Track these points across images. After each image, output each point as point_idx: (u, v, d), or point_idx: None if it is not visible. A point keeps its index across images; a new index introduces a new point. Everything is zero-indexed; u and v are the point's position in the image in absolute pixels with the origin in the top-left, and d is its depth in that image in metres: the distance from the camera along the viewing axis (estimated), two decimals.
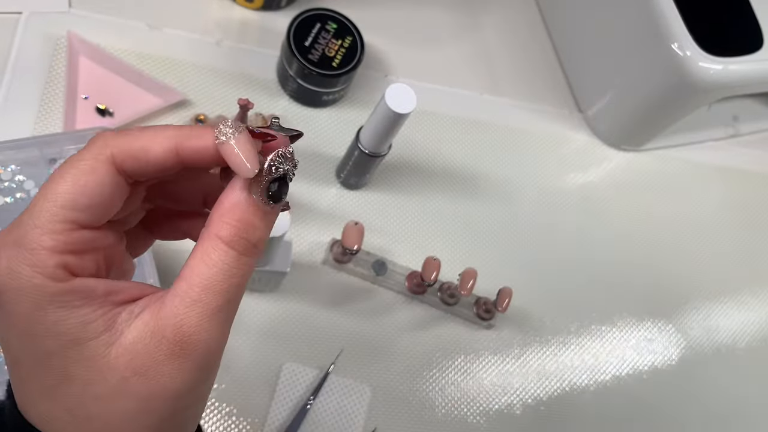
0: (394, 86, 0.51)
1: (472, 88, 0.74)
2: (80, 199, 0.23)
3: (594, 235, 0.72)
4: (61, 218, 0.23)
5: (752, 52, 0.66)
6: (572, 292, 0.69)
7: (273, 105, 0.65)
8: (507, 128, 0.73)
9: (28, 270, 0.22)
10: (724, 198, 0.80)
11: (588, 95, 0.76)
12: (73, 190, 0.23)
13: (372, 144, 0.57)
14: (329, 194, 0.64)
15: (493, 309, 0.62)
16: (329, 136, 0.65)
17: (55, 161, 0.52)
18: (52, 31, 0.60)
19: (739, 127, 0.82)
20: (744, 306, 0.75)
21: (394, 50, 0.72)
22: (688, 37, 0.63)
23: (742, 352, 0.73)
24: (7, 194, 0.51)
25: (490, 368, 0.63)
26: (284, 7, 0.69)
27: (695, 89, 0.65)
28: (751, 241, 0.79)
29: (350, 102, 0.68)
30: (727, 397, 0.70)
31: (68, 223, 0.23)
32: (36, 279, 0.22)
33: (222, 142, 0.23)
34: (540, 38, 0.80)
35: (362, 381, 0.59)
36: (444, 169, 0.69)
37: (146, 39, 0.63)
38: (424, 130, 0.69)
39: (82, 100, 0.59)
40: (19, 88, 0.58)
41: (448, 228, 0.66)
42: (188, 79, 0.63)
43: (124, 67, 0.60)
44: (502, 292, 0.60)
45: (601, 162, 0.76)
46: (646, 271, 0.73)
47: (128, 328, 0.24)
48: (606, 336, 0.68)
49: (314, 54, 0.61)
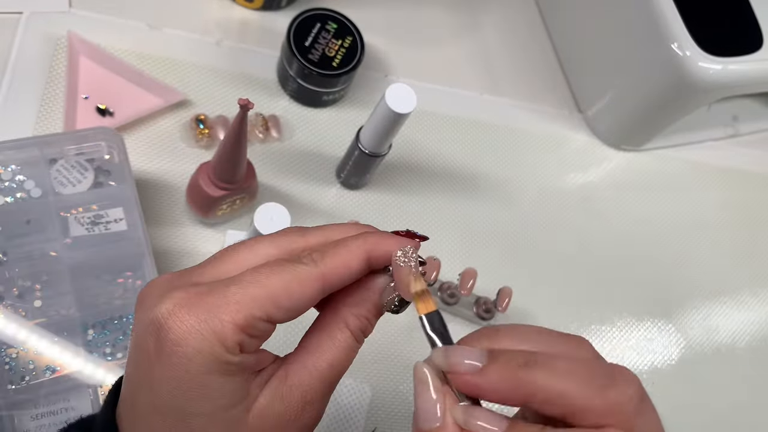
0: (394, 86, 0.51)
1: (472, 88, 0.74)
2: (284, 302, 0.25)
3: (594, 235, 0.72)
4: (263, 309, 0.25)
5: (752, 52, 0.66)
6: (572, 292, 0.69)
7: (273, 105, 0.65)
8: (507, 128, 0.73)
9: (212, 337, 0.24)
10: (724, 198, 0.79)
11: (588, 95, 0.76)
12: (284, 290, 0.25)
13: (372, 144, 0.57)
14: (329, 194, 0.64)
15: (493, 309, 0.62)
16: (329, 136, 0.65)
17: (55, 161, 0.52)
18: (52, 31, 0.60)
19: (738, 127, 0.82)
20: (744, 306, 0.75)
21: (394, 50, 0.72)
22: (687, 37, 0.63)
23: (742, 352, 0.73)
24: (7, 194, 0.51)
25: None
26: (284, 7, 0.69)
27: (695, 89, 0.65)
28: (751, 241, 0.79)
29: (350, 102, 0.68)
30: (727, 397, 0.70)
31: (265, 315, 0.25)
32: (216, 347, 0.24)
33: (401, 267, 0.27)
34: (540, 38, 0.80)
35: (362, 381, 0.59)
36: (444, 169, 0.69)
37: (146, 39, 0.63)
38: (424, 130, 0.69)
39: (83, 100, 0.59)
40: (19, 88, 0.58)
41: (448, 228, 0.66)
42: (188, 79, 0.63)
43: (125, 67, 0.60)
44: (502, 292, 0.60)
45: (601, 162, 0.76)
46: (646, 271, 0.73)
47: (260, 395, 0.26)
48: (606, 336, 0.68)
49: (314, 54, 0.61)
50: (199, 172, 0.54)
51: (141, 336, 0.25)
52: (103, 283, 0.51)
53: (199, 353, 0.24)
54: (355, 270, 0.27)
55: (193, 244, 0.58)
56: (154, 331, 0.25)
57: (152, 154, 0.59)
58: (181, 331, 0.24)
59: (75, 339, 0.48)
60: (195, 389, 0.24)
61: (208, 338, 0.24)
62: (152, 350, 0.25)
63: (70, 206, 0.51)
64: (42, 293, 0.49)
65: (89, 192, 0.52)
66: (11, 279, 0.49)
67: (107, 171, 0.53)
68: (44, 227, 0.50)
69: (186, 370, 0.24)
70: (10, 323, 0.47)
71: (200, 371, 0.24)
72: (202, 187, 0.53)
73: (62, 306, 0.49)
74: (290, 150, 0.64)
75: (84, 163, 0.53)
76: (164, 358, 0.24)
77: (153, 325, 0.25)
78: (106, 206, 0.52)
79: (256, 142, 0.63)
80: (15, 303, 0.48)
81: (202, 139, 0.60)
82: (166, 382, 0.25)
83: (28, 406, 0.46)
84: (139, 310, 0.26)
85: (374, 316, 0.28)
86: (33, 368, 0.47)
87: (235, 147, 0.49)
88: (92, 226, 0.51)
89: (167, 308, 0.24)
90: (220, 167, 0.51)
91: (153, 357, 0.25)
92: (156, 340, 0.24)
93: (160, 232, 0.57)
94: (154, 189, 0.58)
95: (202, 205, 0.55)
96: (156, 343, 0.24)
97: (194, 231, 0.58)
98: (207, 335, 0.24)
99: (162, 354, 0.24)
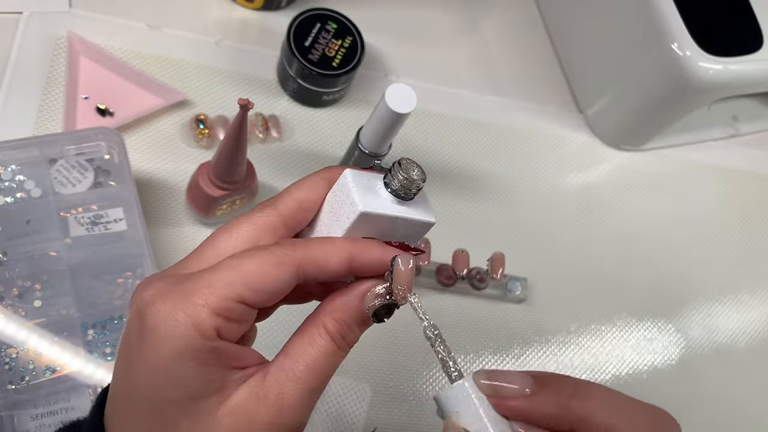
0: (394, 86, 0.51)
1: (472, 88, 0.74)
2: (257, 284, 0.25)
3: (594, 235, 0.72)
4: (235, 291, 0.25)
5: (752, 52, 0.66)
6: (572, 292, 0.69)
7: (273, 105, 0.65)
8: (507, 128, 0.73)
9: (186, 321, 0.24)
10: (724, 198, 0.79)
11: (588, 95, 0.76)
12: (256, 272, 0.25)
13: (372, 144, 0.57)
14: None
15: (486, 278, 0.62)
16: (329, 136, 0.65)
17: (55, 161, 0.52)
18: (52, 31, 0.60)
19: (738, 127, 0.82)
20: (744, 306, 0.75)
21: (394, 50, 0.72)
22: (688, 37, 0.63)
23: (742, 352, 0.73)
24: (7, 194, 0.51)
25: (490, 368, 0.63)
26: (284, 7, 0.69)
27: (695, 89, 0.65)
28: (751, 241, 0.79)
29: (350, 102, 0.68)
30: (727, 397, 0.70)
31: (238, 296, 0.25)
32: (190, 332, 0.24)
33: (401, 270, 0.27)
34: (540, 38, 0.80)
35: (362, 381, 0.59)
36: (444, 169, 0.69)
37: (146, 39, 0.63)
38: (424, 130, 0.69)
39: (83, 100, 0.59)
40: (19, 88, 0.58)
41: (448, 228, 0.66)
42: (188, 79, 0.63)
43: (125, 67, 0.60)
44: (494, 260, 0.60)
45: (601, 162, 0.76)
46: (646, 270, 0.73)
47: (236, 391, 0.26)
48: (606, 336, 0.68)
49: (314, 54, 0.61)
50: (199, 172, 0.54)
51: (126, 328, 0.26)
52: (103, 283, 0.51)
53: (174, 338, 0.24)
54: (334, 264, 0.27)
55: (193, 244, 0.57)
56: (135, 321, 0.25)
57: (152, 154, 0.59)
58: (157, 317, 0.24)
59: (75, 339, 0.48)
60: (167, 374, 0.24)
61: (183, 322, 0.24)
62: (133, 340, 0.25)
63: (70, 206, 0.51)
64: (42, 293, 0.49)
65: (89, 192, 0.52)
66: (11, 279, 0.49)
67: (107, 171, 0.53)
68: (44, 227, 0.50)
69: (159, 355, 0.24)
70: (10, 323, 0.48)
71: (172, 356, 0.24)
72: (202, 186, 0.53)
73: (62, 306, 0.49)
74: (290, 150, 0.64)
75: (84, 163, 0.53)
76: (141, 345, 0.25)
77: (134, 314, 0.25)
78: (106, 206, 0.52)
79: (256, 142, 0.63)
80: (15, 303, 0.48)
81: (202, 139, 0.60)
82: (140, 369, 0.25)
83: (28, 406, 0.46)
84: (130, 301, 0.27)
85: (355, 321, 0.28)
86: (33, 368, 0.47)
87: (235, 147, 0.49)
88: (92, 226, 0.51)
89: (146, 297, 0.25)
90: (220, 167, 0.51)
91: (134, 346, 0.25)
92: (136, 330, 0.25)
93: (160, 232, 0.57)
94: (154, 189, 0.58)
95: (202, 205, 0.55)
96: (136, 332, 0.25)
97: (194, 231, 0.58)
98: (181, 320, 0.24)
99: (140, 341, 0.25)
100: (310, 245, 0.27)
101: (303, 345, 0.27)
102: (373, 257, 0.27)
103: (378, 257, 0.27)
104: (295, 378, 0.26)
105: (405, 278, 0.27)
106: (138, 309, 0.25)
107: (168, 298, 0.25)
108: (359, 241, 0.28)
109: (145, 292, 0.25)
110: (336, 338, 0.27)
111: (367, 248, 0.27)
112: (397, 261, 0.27)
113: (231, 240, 0.27)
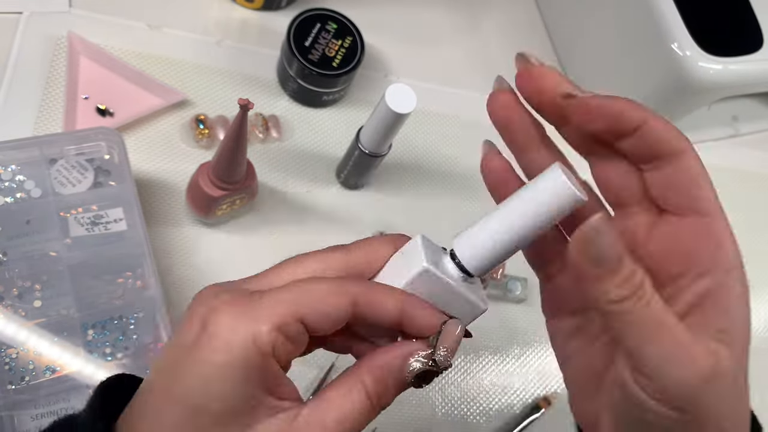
0: (394, 86, 0.51)
1: (472, 88, 0.74)
2: (318, 306, 0.26)
3: None
4: (296, 309, 0.26)
5: (752, 52, 0.66)
6: None
7: (273, 105, 0.65)
8: None
9: (246, 333, 0.25)
10: (724, 198, 0.79)
11: None
12: (318, 295, 0.26)
13: (372, 144, 0.57)
14: (329, 194, 0.64)
15: (486, 278, 0.62)
16: (329, 136, 0.65)
17: (55, 161, 0.52)
18: (52, 31, 0.60)
19: (739, 127, 0.82)
20: None
21: (394, 50, 0.72)
22: (688, 37, 0.63)
23: None
24: (7, 194, 0.51)
25: (490, 368, 0.63)
26: (284, 7, 0.69)
27: (695, 89, 0.65)
28: (751, 241, 0.79)
29: (350, 102, 0.68)
30: None
31: (298, 315, 0.26)
32: (247, 344, 0.25)
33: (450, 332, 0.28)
34: (540, 38, 0.80)
35: None
36: (444, 169, 0.69)
37: (146, 39, 0.63)
38: (424, 130, 0.69)
39: (83, 100, 0.59)
40: (19, 88, 0.58)
41: (448, 228, 0.66)
42: (188, 79, 0.63)
43: (125, 67, 0.60)
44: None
45: None
46: None
47: (264, 423, 0.26)
48: None
49: (314, 54, 0.61)
50: (199, 172, 0.54)
51: (184, 328, 0.26)
52: (103, 283, 0.51)
53: (230, 348, 0.25)
54: (389, 307, 0.27)
55: (193, 244, 0.58)
56: (195, 325, 0.26)
57: (152, 154, 0.59)
58: (219, 325, 0.25)
59: (75, 339, 0.48)
60: (213, 382, 0.25)
61: (242, 334, 0.25)
62: (188, 342, 0.26)
63: (70, 206, 0.51)
64: (42, 293, 0.49)
65: (89, 192, 0.52)
66: (11, 279, 0.49)
67: (107, 171, 0.54)
68: (44, 227, 0.50)
69: (211, 361, 0.25)
70: (10, 323, 0.48)
71: (224, 364, 0.25)
72: (202, 187, 0.53)
73: (62, 306, 0.49)
74: (290, 150, 0.64)
75: (84, 163, 0.53)
76: (196, 348, 0.25)
77: (197, 319, 0.26)
78: (106, 206, 0.52)
79: (256, 142, 0.63)
80: (15, 303, 0.48)
81: (202, 139, 0.60)
82: (188, 371, 0.25)
83: (28, 406, 0.46)
84: (191, 307, 0.27)
85: (393, 382, 0.28)
86: (33, 368, 0.47)
87: (235, 147, 0.49)
88: (92, 226, 0.51)
89: (213, 305, 0.26)
90: (220, 167, 0.51)
91: (188, 347, 0.26)
92: (195, 333, 0.26)
93: (160, 232, 0.57)
94: (154, 189, 0.58)
95: (202, 205, 0.55)
96: (194, 335, 0.26)
97: (194, 231, 0.58)
98: (241, 332, 0.25)
99: (196, 344, 0.25)
100: (370, 284, 0.28)
101: (338, 397, 0.27)
102: (425, 314, 0.28)
103: (430, 314, 0.28)
104: (323, 428, 0.26)
105: (452, 342, 0.27)
106: (201, 314, 0.26)
107: (233, 309, 0.25)
108: (415, 296, 0.28)
109: (213, 300, 0.26)
110: (372, 396, 0.28)
111: (422, 304, 0.28)
112: (448, 323, 0.28)
113: (298, 268, 0.28)
